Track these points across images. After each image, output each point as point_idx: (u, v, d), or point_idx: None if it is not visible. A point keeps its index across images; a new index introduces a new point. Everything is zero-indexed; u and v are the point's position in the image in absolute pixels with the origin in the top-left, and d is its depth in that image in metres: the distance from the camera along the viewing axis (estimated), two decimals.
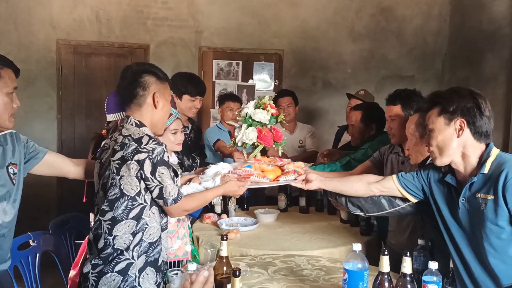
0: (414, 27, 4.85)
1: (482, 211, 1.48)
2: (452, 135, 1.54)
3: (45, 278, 2.97)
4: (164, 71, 1.81)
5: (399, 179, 1.74)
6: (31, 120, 4.43)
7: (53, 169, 1.85)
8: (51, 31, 4.46)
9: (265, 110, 2.01)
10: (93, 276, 1.57)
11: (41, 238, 2.07)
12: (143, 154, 1.57)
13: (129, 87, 1.71)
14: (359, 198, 1.82)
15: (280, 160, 1.99)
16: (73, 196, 4.08)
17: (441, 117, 1.55)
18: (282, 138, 2.06)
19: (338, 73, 4.83)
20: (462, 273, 1.56)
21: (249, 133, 1.99)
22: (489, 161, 1.50)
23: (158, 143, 1.61)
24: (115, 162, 1.59)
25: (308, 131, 3.75)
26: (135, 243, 1.59)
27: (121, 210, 1.58)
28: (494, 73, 3.89)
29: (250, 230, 2.61)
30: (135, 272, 1.58)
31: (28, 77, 4.42)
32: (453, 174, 1.61)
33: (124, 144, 1.59)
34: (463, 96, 1.54)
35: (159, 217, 1.68)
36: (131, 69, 1.74)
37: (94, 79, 4.51)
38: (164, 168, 1.60)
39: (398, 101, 2.20)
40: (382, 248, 1.48)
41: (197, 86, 3.03)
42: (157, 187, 1.59)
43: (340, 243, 2.37)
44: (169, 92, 1.79)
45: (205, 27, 4.66)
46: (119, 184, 1.58)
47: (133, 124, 1.66)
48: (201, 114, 4.68)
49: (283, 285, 1.80)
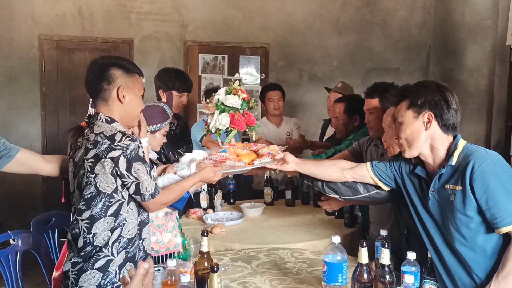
0: (398, 19, 4.87)
1: (451, 201, 1.51)
2: (420, 128, 1.56)
3: (30, 278, 2.97)
4: (134, 63, 1.75)
5: (373, 167, 1.76)
6: (14, 117, 4.37)
7: (25, 166, 1.80)
8: (33, 26, 4.39)
9: (236, 95, 2.01)
10: (73, 274, 1.56)
11: (21, 237, 2.05)
12: (117, 151, 1.55)
13: (94, 81, 1.66)
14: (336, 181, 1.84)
15: (254, 145, 1.99)
16: (58, 194, 4.07)
17: (410, 110, 1.58)
18: (255, 122, 2.06)
19: (324, 66, 4.84)
20: (436, 262, 1.59)
21: (222, 119, 1.99)
22: (456, 152, 1.52)
23: (131, 139, 1.59)
24: (89, 161, 1.57)
25: (294, 124, 3.78)
26: (113, 239, 1.58)
27: (99, 208, 1.57)
28: (477, 64, 3.93)
29: (235, 224, 2.62)
30: (115, 269, 1.58)
31: (10, 74, 4.37)
32: (423, 166, 1.64)
33: (97, 142, 1.56)
34: (430, 90, 1.56)
35: (137, 212, 1.67)
36: (96, 63, 1.69)
37: (78, 75, 4.44)
38: (139, 163, 1.58)
39: (376, 94, 2.21)
40: (361, 240, 1.50)
41: (184, 82, 3.02)
42: (133, 183, 1.58)
43: (324, 236, 2.38)
44: (140, 85, 1.73)
45: (190, 21, 4.63)
46: (95, 183, 1.56)
47: (104, 121, 1.63)
48: (187, 109, 4.66)
49: (266, 279, 1.81)
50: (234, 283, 1.77)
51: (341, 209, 2.71)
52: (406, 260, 1.52)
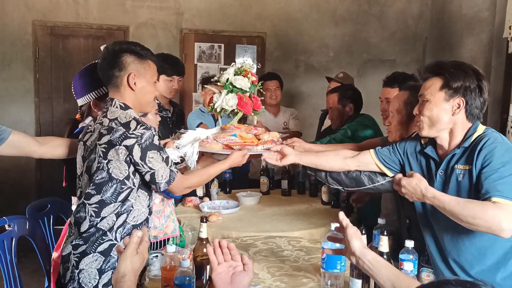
0: (396, 10, 4.85)
1: (459, 181, 1.49)
2: (448, 112, 1.50)
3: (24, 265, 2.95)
4: (148, 49, 1.73)
5: (377, 153, 1.74)
6: (7, 104, 4.32)
7: (17, 149, 1.77)
8: (26, 12, 4.31)
9: (246, 77, 1.94)
10: (75, 257, 1.56)
11: (16, 223, 2.03)
12: (132, 139, 1.54)
13: (106, 68, 1.66)
14: (339, 172, 1.81)
15: (255, 129, 1.97)
16: (52, 181, 4.05)
17: (442, 92, 1.50)
18: (261, 107, 2.02)
19: (320, 57, 4.82)
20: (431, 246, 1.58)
21: (229, 100, 1.92)
22: (473, 136, 1.49)
23: (146, 127, 1.58)
24: (102, 146, 1.56)
25: (291, 114, 3.80)
26: (118, 224, 1.58)
27: (109, 194, 1.57)
28: (473, 57, 3.94)
29: (232, 213, 2.62)
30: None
31: (3, 60, 4.30)
32: (434, 147, 1.60)
33: (112, 128, 1.55)
34: (468, 75, 1.48)
35: (147, 200, 1.67)
36: (108, 49, 1.69)
37: (72, 62, 4.40)
38: (153, 152, 1.57)
39: (397, 83, 2.21)
40: (360, 228, 1.50)
41: (173, 65, 2.96)
42: (148, 173, 1.58)
43: (320, 224, 2.39)
44: (153, 71, 1.72)
45: (186, 9, 4.58)
46: (107, 168, 1.55)
47: (118, 107, 1.62)
48: (183, 98, 4.63)
49: (263, 266, 1.82)
50: None
51: (337, 199, 2.73)
52: (404, 248, 1.53)
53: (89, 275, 1.55)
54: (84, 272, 1.55)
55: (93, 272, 1.55)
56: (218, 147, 1.83)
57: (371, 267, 1.21)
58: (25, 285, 2.11)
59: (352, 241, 1.26)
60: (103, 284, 1.55)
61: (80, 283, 1.54)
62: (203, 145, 1.83)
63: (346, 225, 1.29)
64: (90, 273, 1.55)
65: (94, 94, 1.92)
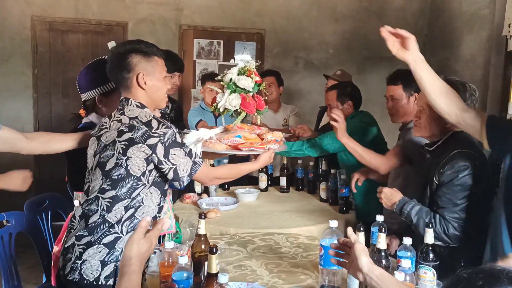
0: (395, 7, 4.84)
1: None
2: None
3: (22, 261, 2.96)
4: (153, 44, 1.72)
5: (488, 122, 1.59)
6: (6, 99, 4.30)
7: (7, 145, 1.75)
8: (25, 7, 4.29)
9: (250, 77, 1.93)
10: (80, 248, 1.56)
11: (15, 218, 2.03)
12: (155, 138, 1.56)
13: (114, 71, 1.67)
14: None
15: (258, 129, 1.97)
16: (50, 177, 4.04)
17: None
18: (264, 107, 2.02)
19: (320, 54, 4.81)
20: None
21: (233, 100, 1.92)
22: None
23: (167, 126, 1.60)
24: (122, 143, 1.56)
25: (291, 110, 3.79)
26: (125, 218, 1.58)
27: (125, 190, 1.58)
28: (473, 54, 3.94)
29: (230, 209, 2.62)
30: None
31: (2, 55, 4.28)
32: None
33: (133, 126, 1.57)
34: None
35: (158, 198, 1.67)
36: (114, 52, 1.68)
37: (71, 57, 4.39)
38: (176, 149, 1.60)
39: (400, 81, 2.21)
40: (358, 225, 1.50)
41: (174, 62, 2.98)
42: (171, 169, 1.59)
43: (318, 221, 2.40)
44: (161, 67, 1.71)
45: (185, 5, 4.56)
46: (126, 165, 1.56)
47: (135, 106, 1.64)
48: (181, 94, 4.62)
49: (261, 262, 1.82)
50: (230, 266, 1.78)
51: (335, 196, 2.73)
52: (402, 245, 1.53)
53: (92, 266, 1.54)
54: (86, 263, 1.54)
55: (96, 264, 1.54)
56: (221, 148, 1.84)
57: (379, 282, 1.19)
58: (23, 280, 2.12)
59: (360, 257, 1.22)
60: (105, 276, 1.55)
61: (82, 274, 1.54)
62: (206, 145, 1.83)
63: (354, 241, 1.26)
64: (92, 264, 1.54)
65: (99, 90, 1.92)
